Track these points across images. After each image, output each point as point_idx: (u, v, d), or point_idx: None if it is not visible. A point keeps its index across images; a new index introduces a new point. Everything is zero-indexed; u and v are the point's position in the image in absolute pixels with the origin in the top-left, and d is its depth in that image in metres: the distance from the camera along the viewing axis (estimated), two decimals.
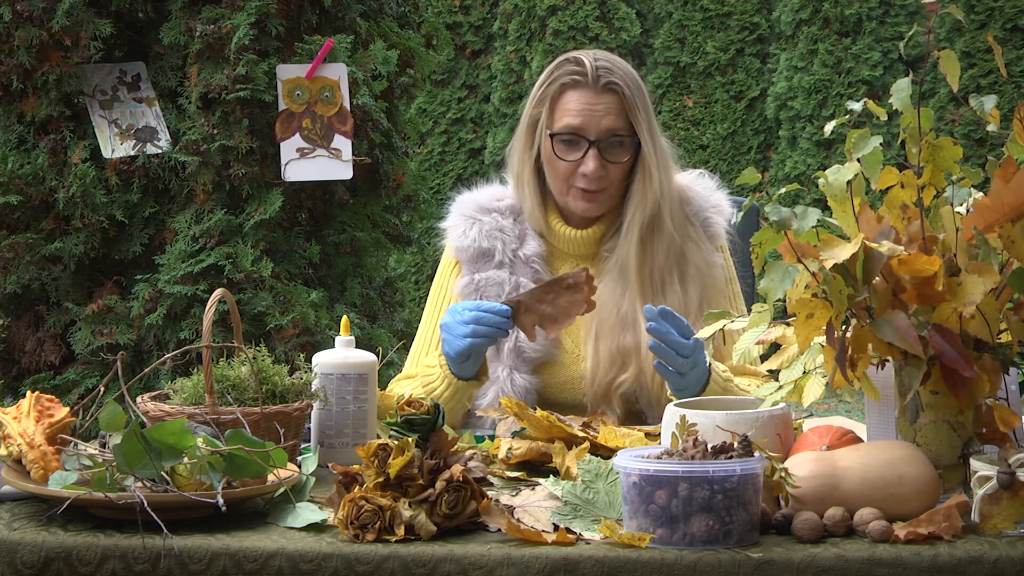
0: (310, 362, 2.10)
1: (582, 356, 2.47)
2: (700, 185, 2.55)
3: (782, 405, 1.85)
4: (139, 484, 1.65)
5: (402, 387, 2.45)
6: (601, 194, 2.46)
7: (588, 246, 2.52)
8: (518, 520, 1.66)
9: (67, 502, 1.64)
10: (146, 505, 1.60)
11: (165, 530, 1.59)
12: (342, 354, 2.09)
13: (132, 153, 3.66)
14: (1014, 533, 1.62)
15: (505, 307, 2.25)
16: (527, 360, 2.46)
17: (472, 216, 2.53)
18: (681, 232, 2.47)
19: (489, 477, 1.83)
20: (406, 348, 2.64)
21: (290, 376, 2.02)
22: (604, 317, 2.43)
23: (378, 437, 1.99)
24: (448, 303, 2.50)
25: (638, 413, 2.46)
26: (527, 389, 2.44)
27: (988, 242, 1.71)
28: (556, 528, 1.65)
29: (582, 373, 2.46)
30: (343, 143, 3.68)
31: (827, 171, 1.76)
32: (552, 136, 2.44)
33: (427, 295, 2.62)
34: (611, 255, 2.48)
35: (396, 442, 1.67)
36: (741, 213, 2.17)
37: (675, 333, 2.22)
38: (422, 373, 2.42)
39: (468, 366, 2.33)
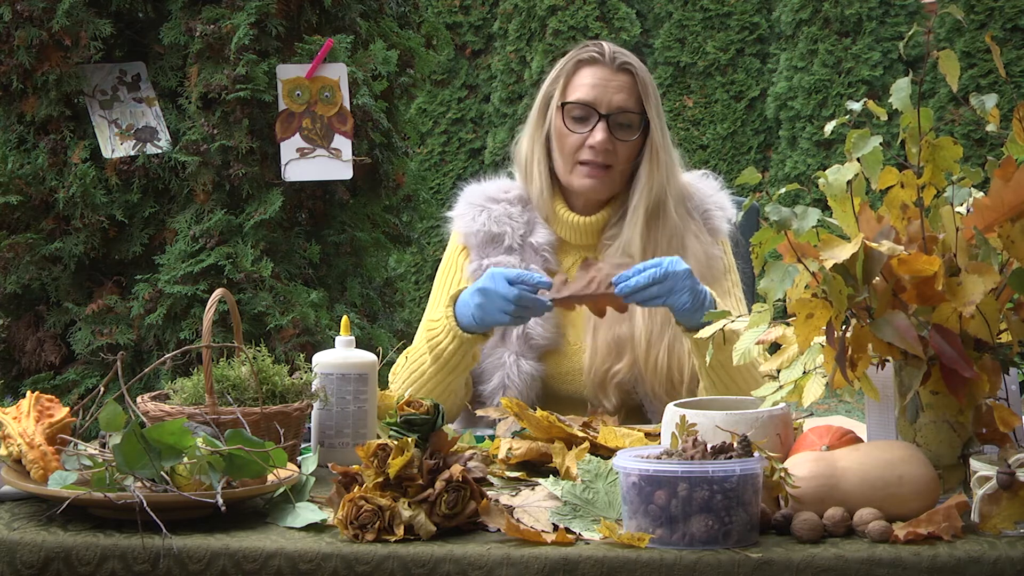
0: (310, 362, 2.10)
1: (583, 348, 2.49)
2: (703, 184, 2.58)
3: (782, 405, 1.85)
4: (139, 484, 1.65)
5: (405, 355, 2.46)
6: (606, 173, 2.47)
7: (591, 235, 2.53)
8: (517, 520, 1.66)
9: (67, 502, 1.64)
10: (145, 505, 1.60)
11: (164, 530, 1.59)
12: (342, 354, 2.09)
13: (132, 153, 3.66)
14: (1014, 533, 1.62)
15: (550, 305, 2.29)
16: (534, 347, 2.48)
17: (481, 204, 2.55)
18: (683, 224, 2.49)
19: (489, 477, 1.83)
20: (406, 348, 2.64)
21: (290, 376, 2.02)
22: None
23: (378, 437, 1.99)
24: (457, 284, 2.51)
25: (637, 405, 2.47)
26: (533, 376, 2.46)
27: (988, 242, 1.71)
28: (555, 528, 1.65)
29: (582, 365, 2.48)
30: (343, 143, 3.68)
31: (827, 171, 1.76)
32: (563, 106, 2.47)
33: (427, 295, 2.62)
34: (613, 242, 2.49)
35: (396, 442, 1.67)
36: (741, 213, 2.17)
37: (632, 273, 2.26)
38: (426, 327, 2.43)
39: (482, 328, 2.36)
